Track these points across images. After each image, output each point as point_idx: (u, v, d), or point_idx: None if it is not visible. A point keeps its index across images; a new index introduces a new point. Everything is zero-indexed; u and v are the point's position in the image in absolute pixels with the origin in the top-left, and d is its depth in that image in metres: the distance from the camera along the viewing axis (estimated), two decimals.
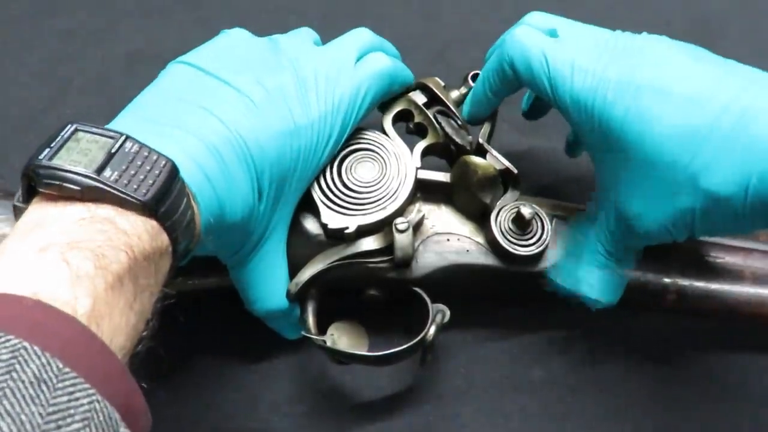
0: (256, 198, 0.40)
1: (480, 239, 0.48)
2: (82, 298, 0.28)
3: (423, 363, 0.48)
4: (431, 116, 0.48)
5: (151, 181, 0.33)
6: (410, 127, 0.49)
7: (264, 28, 0.48)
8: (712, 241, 0.50)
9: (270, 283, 0.45)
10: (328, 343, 0.46)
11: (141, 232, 0.32)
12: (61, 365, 0.26)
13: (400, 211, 0.46)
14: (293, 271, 0.46)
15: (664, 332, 0.53)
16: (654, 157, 0.40)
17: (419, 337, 0.46)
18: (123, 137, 0.34)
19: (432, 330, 0.46)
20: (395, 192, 0.46)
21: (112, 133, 0.34)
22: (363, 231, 0.46)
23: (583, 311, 0.52)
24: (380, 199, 0.46)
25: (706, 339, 0.53)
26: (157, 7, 0.67)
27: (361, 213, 0.46)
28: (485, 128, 0.49)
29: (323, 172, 0.46)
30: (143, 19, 0.66)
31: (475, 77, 0.50)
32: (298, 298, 0.46)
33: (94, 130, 0.34)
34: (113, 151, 0.33)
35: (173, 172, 0.34)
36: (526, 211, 0.45)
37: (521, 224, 0.46)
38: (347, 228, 0.45)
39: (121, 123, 0.38)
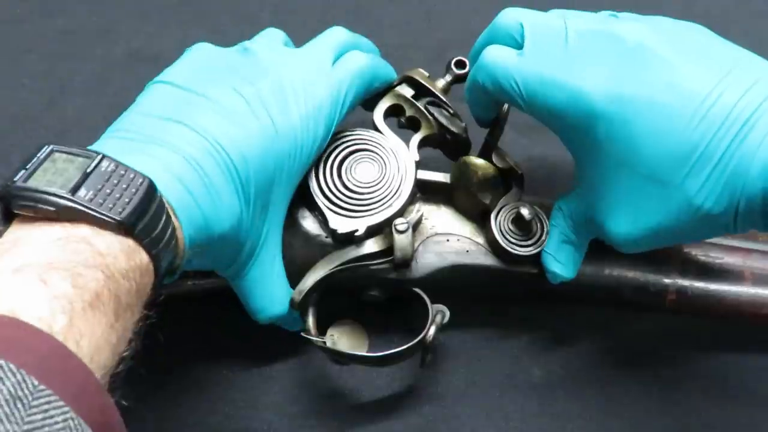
0: (243, 207, 0.40)
1: (480, 240, 0.48)
2: (59, 315, 0.28)
3: (423, 363, 0.48)
4: (422, 108, 0.48)
5: (127, 200, 0.33)
6: (402, 122, 0.49)
7: (264, 27, 0.48)
8: (712, 241, 0.50)
9: (270, 290, 0.45)
10: (328, 344, 0.46)
11: (117, 251, 0.32)
12: (36, 382, 0.26)
13: (406, 206, 0.46)
14: (293, 272, 0.46)
15: (664, 332, 0.53)
16: (644, 175, 0.39)
17: (419, 338, 0.46)
18: (99, 156, 0.34)
19: (432, 330, 0.46)
20: (398, 188, 0.46)
21: (88, 153, 0.34)
22: (372, 231, 0.45)
23: (584, 311, 0.53)
24: (385, 198, 0.46)
25: (706, 339, 0.53)
26: (157, 7, 0.67)
27: (369, 214, 0.45)
28: (492, 127, 0.49)
29: (324, 178, 0.46)
30: (143, 19, 0.66)
31: (458, 63, 0.50)
32: (302, 305, 0.46)
33: (71, 150, 0.34)
34: (89, 170, 0.33)
35: (150, 189, 0.34)
36: (526, 211, 0.45)
37: (521, 225, 0.46)
38: (357, 231, 0.45)
39: (101, 144, 0.38)
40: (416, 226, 0.47)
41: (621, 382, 0.51)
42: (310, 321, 0.47)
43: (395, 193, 0.46)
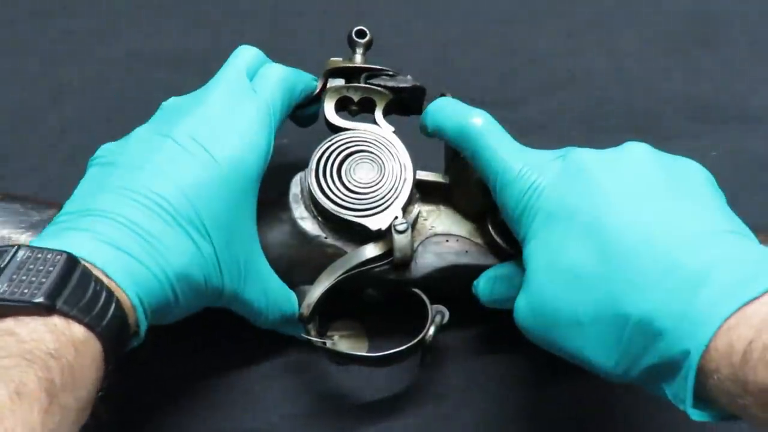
0: (199, 242, 0.40)
1: (479, 240, 0.48)
2: None
3: (423, 363, 0.48)
4: (366, 85, 0.49)
5: (43, 280, 0.34)
6: (355, 109, 0.49)
7: (264, 27, 0.48)
8: None
9: (264, 298, 0.45)
10: (328, 345, 0.47)
11: (41, 334, 0.33)
12: None
13: (415, 182, 0.47)
14: (294, 273, 0.46)
15: None
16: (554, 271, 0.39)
17: (418, 338, 0.46)
18: (14, 249, 0.35)
19: (431, 331, 0.46)
20: (401, 164, 0.47)
21: (5, 248, 0.35)
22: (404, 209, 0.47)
23: None
24: (397, 178, 0.46)
25: None
26: (157, 7, 0.67)
27: (394, 198, 0.46)
28: None
29: (336, 196, 0.46)
30: (143, 19, 0.66)
31: (359, 33, 0.49)
32: (311, 319, 0.46)
33: None
34: (3, 265, 0.34)
35: (69, 262, 0.35)
36: None
37: None
38: (397, 217, 0.46)
39: (41, 236, 0.39)
40: (415, 226, 0.47)
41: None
42: (311, 325, 0.47)
43: (401, 168, 0.47)
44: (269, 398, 0.50)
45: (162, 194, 0.40)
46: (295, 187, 0.48)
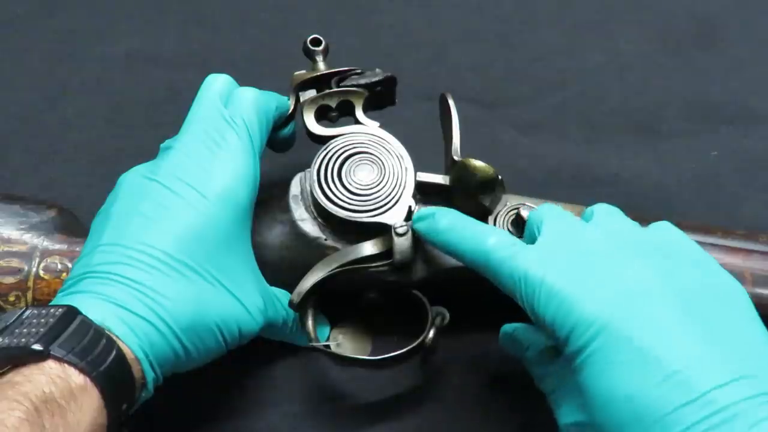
0: (199, 282, 0.41)
1: None
2: None
3: (423, 365, 0.48)
4: (340, 89, 0.49)
5: (42, 329, 0.35)
6: (334, 115, 0.49)
7: (264, 27, 0.48)
8: (712, 242, 0.50)
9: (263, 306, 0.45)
10: (332, 347, 0.47)
11: (36, 377, 0.34)
12: None
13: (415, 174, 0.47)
14: (294, 276, 0.46)
15: None
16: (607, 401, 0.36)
17: (419, 340, 0.46)
18: (22, 310, 0.37)
19: (431, 333, 0.46)
20: (398, 156, 0.47)
21: (14, 311, 0.37)
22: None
23: None
24: (398, 171, 0.47)
25: None
26: (157, 7, 0.67)
27: (401, 190, 0.46)
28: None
29: (350, 205, 0.46)
30: (143, 19, 0.66)
31: (314, 42, 0.49)
32: (301, 307, 0.46)
33: (3, 315, 0.37)
34: (9, 323, 0.36)
35: (68, 313, 0.36)
36: (525, 213, 0.45)
37: (520, 226, 0.46)
38: (410, 205, 0.46)
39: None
40: None
41: None
42: (310, 324, 0.47)
43: (402, 162, 0.47)
44: (270, 398, 0.50)
45: (155, 245, 0.40)
46: (294, 189, 0.48)
